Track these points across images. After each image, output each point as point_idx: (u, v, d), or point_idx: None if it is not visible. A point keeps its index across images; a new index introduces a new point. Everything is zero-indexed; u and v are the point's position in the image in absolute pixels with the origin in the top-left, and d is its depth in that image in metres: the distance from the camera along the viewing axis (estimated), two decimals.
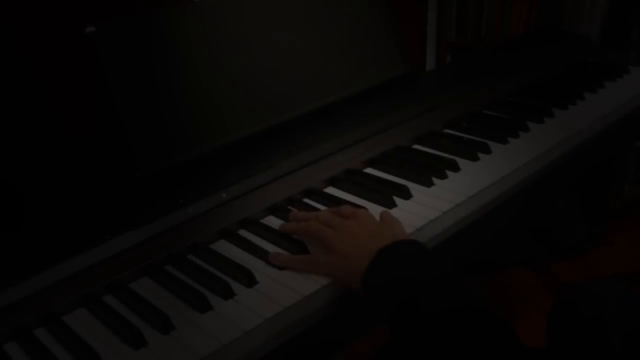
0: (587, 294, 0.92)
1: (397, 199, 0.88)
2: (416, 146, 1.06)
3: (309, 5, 1.06)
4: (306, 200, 0.91)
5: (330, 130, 1.01)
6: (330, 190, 0.94)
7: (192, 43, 0.93)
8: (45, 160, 0.98)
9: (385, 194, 0.88)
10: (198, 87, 0.92)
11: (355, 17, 1.13)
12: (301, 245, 0.79)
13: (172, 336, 0.66)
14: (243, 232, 0.84)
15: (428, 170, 0.94)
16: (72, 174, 0.99)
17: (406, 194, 0.89)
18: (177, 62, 0.91)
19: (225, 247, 0.81)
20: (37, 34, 0.95)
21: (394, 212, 0.86)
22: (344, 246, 0.73)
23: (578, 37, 1.60)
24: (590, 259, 1.83)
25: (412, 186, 0.91)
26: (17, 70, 0.95)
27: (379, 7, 1.16)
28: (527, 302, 1.67)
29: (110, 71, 0.86)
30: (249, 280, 0.73)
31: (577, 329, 0.85)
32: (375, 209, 0.84)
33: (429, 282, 0.66)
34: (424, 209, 0.86)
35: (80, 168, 0.99)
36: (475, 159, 0.99)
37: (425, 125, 1.09)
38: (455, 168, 0.96)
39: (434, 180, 0.92)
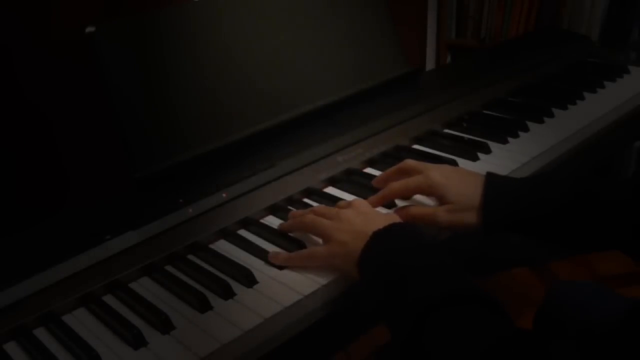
0: (571, 295, 0.92)
1: (397, 199, 0.88)
2: (416, 146, 1.06)
3: (309, 6, 1.06)
4: (306, 200, 0.91)
5: (330, 130, 1.01)
6: (330, 190, 0.94)
7: (192, 43, 0.93)
8: (45, 160, 0.98)
9: None
10: (198, 87, 0.93)
11: (355, 17, 1.13)
12: (301, 244, 0.79)
13: (172, 336, 0.66)
14: (243, 232, 0.84)
15: None
16: (72, 174, 0.99)
17: None
18: (176, 62, 0.91)
19: (225, 247, 0.81)
20: (38, 33, 0.95)
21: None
22: (340, 233, 0.73)
23: (578, 37, 1.60)
24: (590, 259, 1.83)
25: None
26: (17, 70, 0.95)
27: (379, 6, 1.16)
28: (527, 302, 1.67)
29: (110, 71, 0.86)
30: (249, 280, 0.73)
31: (561, 329, 0.85)
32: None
33: (420, 263, 0.65)
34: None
35: (80, 168, 0.99)
36: (475, 159, 0.99)
37: (425, 125, 1.09)
38: None
39: None
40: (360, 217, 0.74)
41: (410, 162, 0.84)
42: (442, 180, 0.78)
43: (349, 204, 0.79)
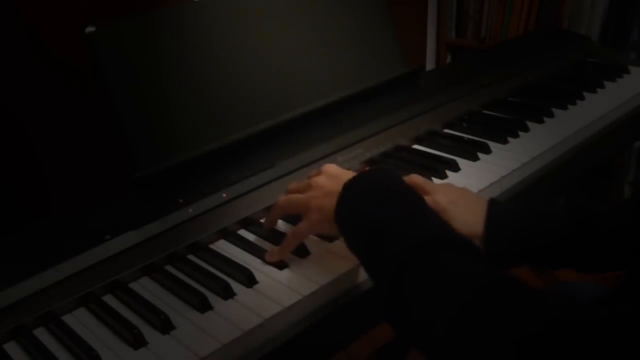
0: (572, 296, 0.92)
1: None
2: (416, 146, 1.06)
3: (309, 6, 1.06)
4: None
5: (330, 130, 1.01)
6: None
7: (192, 43, 0.93)
8: (45, 161, 0.98)
9: None
10: (198, 86, 0.93)
11: (355, 17, 1.13)
12: (301, 244, 0.79)
13: (172, 336, 0.66)
14: (243, 232, 0.84)
15: (428, 171, 0.94)
16: (72, 173, 0.99)
17: None
18: (177, 62, 0.91)
19: (225, 247, 0.81)
20: (39, 34, 0.95)
21: None
22: (315, 200, 0.73)
23: (578, 37, 1.60)
24: None
25: None
26: (18, 71, 0.95)
27: (379, 7, 1.16)
28: None
29: (110, 71, 0.86)
30: (249, 280, 0.73)
31: None
32: None
33: (392, 212, 0.64)
34: None
35: (81, 168, 0.99)
36: (475, 159, 0.99)
37: (425, 125, 1.09)
38: (455, 168, 0.96)
39: (434, 180, 0.92)
40: (332, 179, 0.75)
41: (417, 179, 0.82)
42: (448, 206, 0.77)
43: (319, 171, 0.79)
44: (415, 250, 0.58)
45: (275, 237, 0.81)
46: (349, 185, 0.69)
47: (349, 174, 0.74)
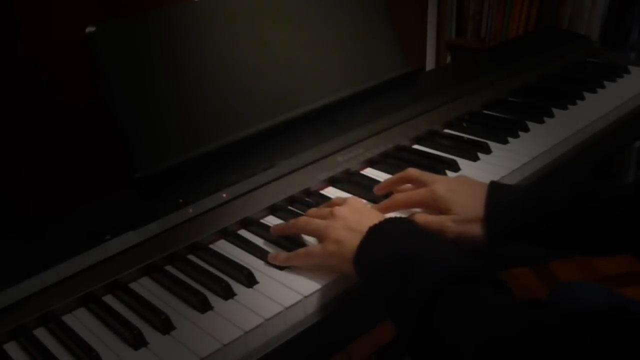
0: (574, 296, 0.92)
1: None
2: (416, 146, 1.06)
3: (309, 6, 1.07)
4: (307, 199, 0.91)
5: (330, 130, 1.01)
6: (330, 190, 0.94)
7: (192, 43, 0.93)
8: (45, 160, 0.98)
9: (386, 195, 0.88)
10: (198, 86, 0.93)
11: (356, 17, 1.13)
12: (302, 244, 0.78)
13: (172, 336, 0.66)
14: (243, 232, 0.84)
15: (428, 171, 0.94)
16: (73, 174, 0.99)
17: None
18: (176, 62, 0.91)
19: (225, 247, 0.81)
20: (39, 34, 0.95)
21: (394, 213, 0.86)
22: (335, 231, 0.72)
23: (578, 37, 1.60)
24: (591, 259, 1.83)
25: None
26: (19, 70, 0.95)
27: (379, 6, 1.16)
28: None
29: (110, 71, 0.86)
30: (249, 280, 0.73)
31: None
32: None
33: (420, 251, 0.64)
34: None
35: (81, 168, 0.99)
36: (475, 159, 0.99)
37: (425, 125, 1.09)
38: (456, 168, 0.96)
39: None
40: (355, 214, 0.74)
41: (414, 172, 0.82)
42: (447, 193, 0.77)
43: (344, 201, 0.79)
44: (447, 281, 0.59)
45: (276, 237, 0.81)
46: (375, 230, 0.69)
47: (374, 214, 0.74)
